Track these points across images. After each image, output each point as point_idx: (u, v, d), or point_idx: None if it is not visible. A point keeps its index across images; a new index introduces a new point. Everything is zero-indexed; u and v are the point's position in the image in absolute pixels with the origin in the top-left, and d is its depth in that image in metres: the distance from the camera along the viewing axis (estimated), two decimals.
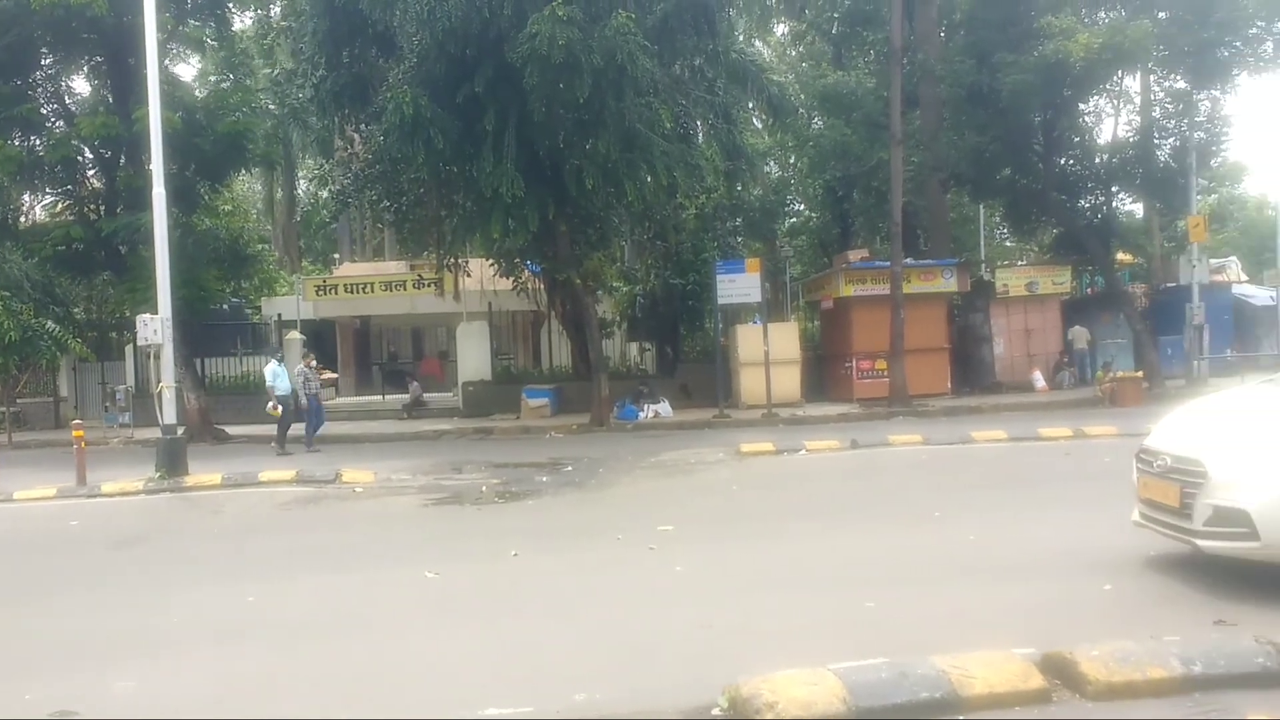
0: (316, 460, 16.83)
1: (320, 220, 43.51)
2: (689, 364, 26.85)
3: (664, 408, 22.83)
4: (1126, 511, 7.38)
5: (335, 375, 31.97)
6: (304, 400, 19.62)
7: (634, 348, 31.80)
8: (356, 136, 24.00)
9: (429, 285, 27.42)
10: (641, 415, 22.41)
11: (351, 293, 29.89)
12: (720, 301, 22.70)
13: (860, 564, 7.92)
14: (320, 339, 33.50)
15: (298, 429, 19.48)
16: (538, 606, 7.14)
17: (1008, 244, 40.53)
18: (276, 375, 19.08)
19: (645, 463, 15.17)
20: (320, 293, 30.26)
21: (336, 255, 40.44)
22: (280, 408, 18.83)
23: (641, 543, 9.03)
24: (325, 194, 32.24)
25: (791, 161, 37.13)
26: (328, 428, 20.93)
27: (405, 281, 29.48)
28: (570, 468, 14.97)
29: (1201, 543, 6.50)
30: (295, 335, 28.19)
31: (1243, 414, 6.98)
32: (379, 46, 20.60)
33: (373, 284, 29.89)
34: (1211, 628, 5.71)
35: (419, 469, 15.43)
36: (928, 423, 19.61)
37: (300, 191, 44.68)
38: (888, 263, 23.70)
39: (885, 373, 23.22)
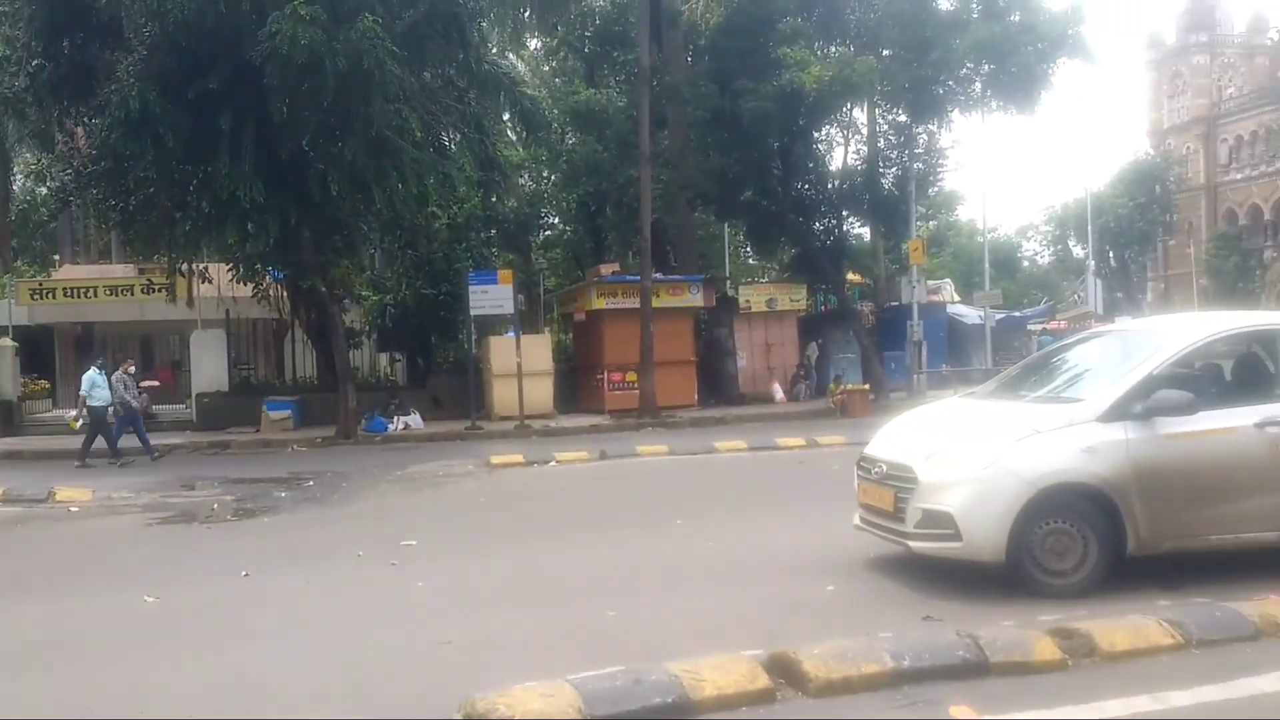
0: (27, 478, 15.43)
1: (38, 219, 40.18)
2: (441, 375, 26.48)
3: (414, 419, 22.42)
4: (850, 516, 7.85)
5: (156, 383, 29.65)
6: (134, 405, 18.25)
7: (384, 358, 31.05)
8: (80, 130, 22.27)
9: (159, 290, 25.74)
10: (391, 427, 21.92)
11: (72, 297, 27.64)
12: (473, 312, 22.54)
13: (604, 574, 8.05)
14: (36, 347, 30.83)
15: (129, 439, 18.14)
16: (268, 628, 6.83)
17: (751, 262, 42.34)
18: (94, 384, 17.49)
19: (392, 476, 14.84)
20: (36, 297, 27.83)
21: (57, 257, 37.33)
22: (85, 420, 17.44)
23: (383, 559, 8.81)
24: (44, 190, 29.70)
25: (545, 175, 37.40)
26: (45, 442, 19.28)
27: (133, 286, 27.52)
28: (312, 482, 14.44)
29: (913, 544, 7.00)
30: (7, 342, 25.82)
31: (948, 424, 7.58)
32: (104, 36, 19.22)
33: (96, 288, 27.75)
34: (921, 624, 6.14)
35: (144, 486, 14.44)
36: (675, 433, 20.20)
37: (16, 188, 41.06)
38: (638, 277, 24.27)
39: (635, 384, 23.73)
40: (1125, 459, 6.59)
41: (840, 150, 28.52)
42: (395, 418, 22.29)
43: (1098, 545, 6.62)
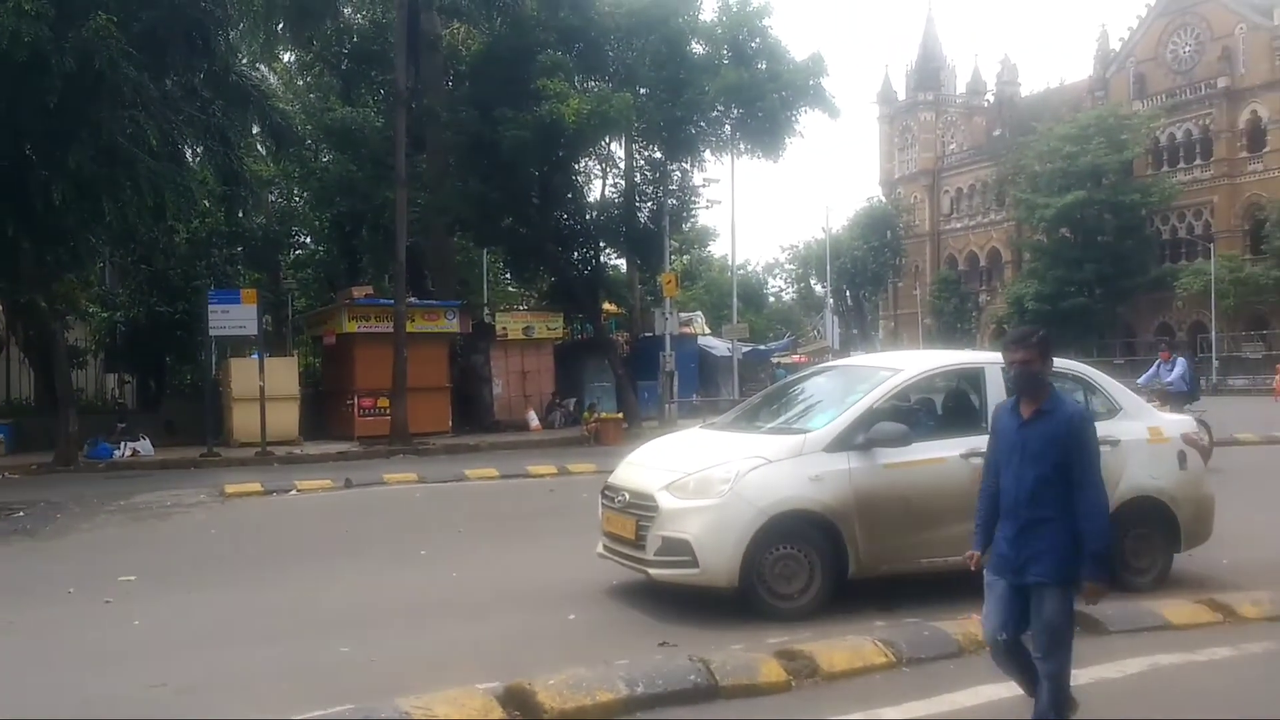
0: None
1: None
2: (177, 399, 24.96)
3: (144, 446, 20.97)
4: (595, 545, 7.93)
5: None
6: None
7: (112, 379, 28.92)
8: None
9: None
10: (117, 454, 20.42)
11: None
12: (212, 332, 21.32)
13: (340, 608, 7.76)
14: None
15: None
16: None
17: (511, 289, 42.35)
18: None
19: (113, 506, 13.79)
20: None
21: None
22: None
23: (98, 596, 8.17)
24: None
25: (297, 193, 36.07)
26: None
27: None
28: (22, 513, 13.21)
29: (653, 571, 7.15)
30: None
31: (688, 453, 7.80)
32: None
33: None
34: (656, 650, 6.26)
35: None
36: (426, 461, 19.82)
37: None
38: (392, 301, 23.75)
39: (387, 410, 23.15)
40: (848, 487, 6.99)
41: (599, 183, 29.09)
42: (122, 443, 20.78)
43: (822, 569, 6.99)
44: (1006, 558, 4.57)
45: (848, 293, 76.70)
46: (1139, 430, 7.84)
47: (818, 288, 74.22)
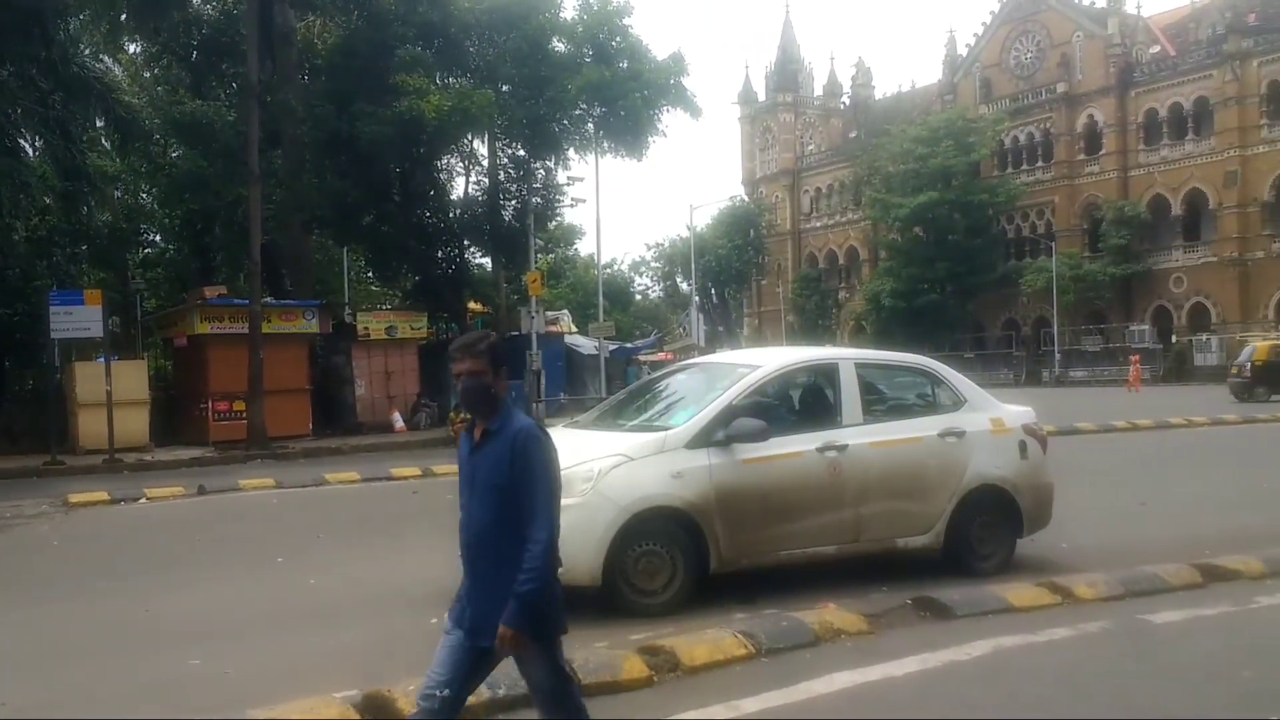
0: None
1: None
2: (17, 405, 23.69)
3: None
4: (458, 547, 7.83)
5: None
6: None
7: None
8: None
9: None
10: None
11: None
12: (55, 335, 20.27)
13: (191, 619, 7.50)
14: None
15: None
16: None
17: (374, 288, 41.56)
18: None
19: None
20: None
21: None
22: None
23: None
24: None
25: (146, 189, 34.60)
26: None
27: None
28: None
29: None
30: None
31: None
32: None
33: None
34: None
35: None
36: (285, 466, 19.29)
37: None
38: (247, 301, 23.02)
39: (244, 414, 22.43)
40: (708, 483, 7.10)
41: (462, 180, 28.75)
42: None
43: (685, 565, 7.08)
44: (462, 612, 3.91)
45: (713, 290, 77.79)
46: (983, 422, 8.18)
47: (684, 285, 75.09)
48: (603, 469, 7.02)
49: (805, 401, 8.25)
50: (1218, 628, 6.66)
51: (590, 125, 25.74)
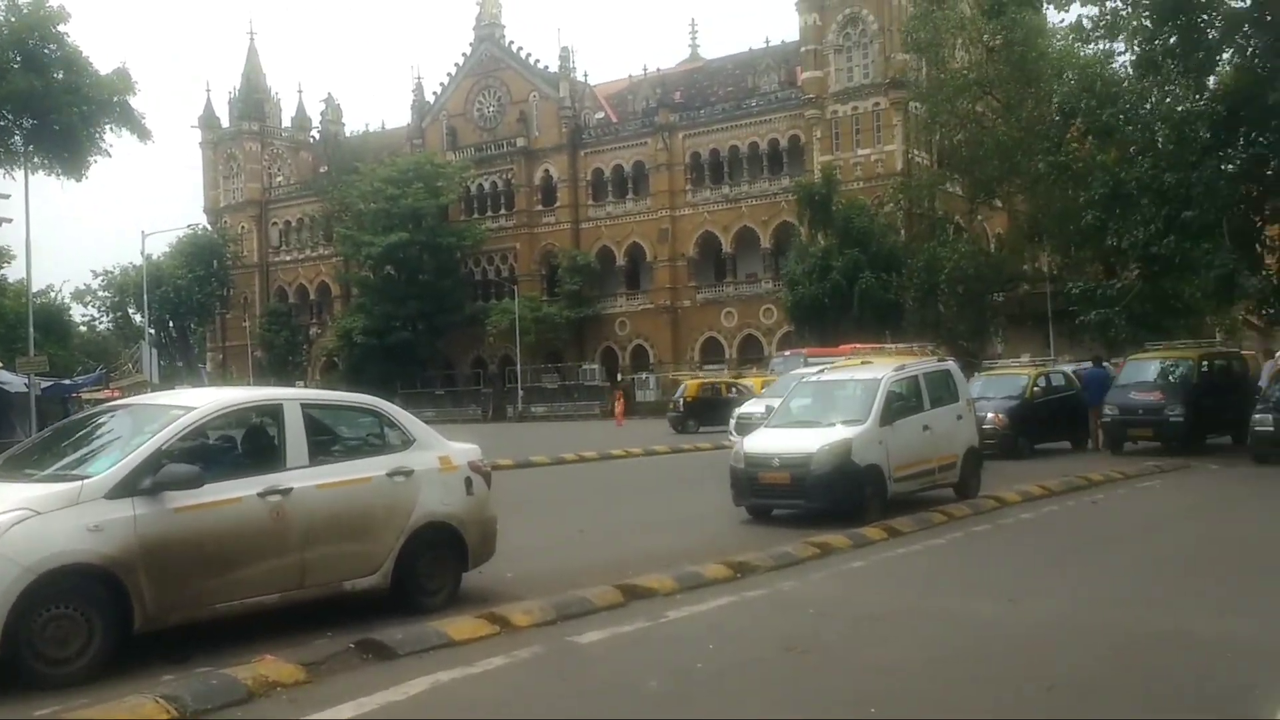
0: None
1: None
2: None
3: None
4: None
5: None
6: None
7: None
8: None
9: None
10: None
11: None
12: None
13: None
14: None
15: None
16: None
17: None
18: None
19: None
20: None
21: None
22: None
23: None
24: None
25: None
26: None
27: None
28: None
29: None
30: None
31: None
32: None
33: None
34: None
35: None
36: None
37: None
38: None
39: None
40: (133, 536, 6.51)
41: None
42: None
43: (104, 626, 6.41)
44: None
45: (171, 323, 72.40)
46: (431, 460, 8.35)
47: (136, 317, 68.94)
48: (2, 525, 6.17)
49: (247, 444, 7.90)
50: (634, 643, 7.35)
51: (18, 138, 22.80)
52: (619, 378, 59.31)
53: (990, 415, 19.47)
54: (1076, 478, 16.09)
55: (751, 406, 22.69)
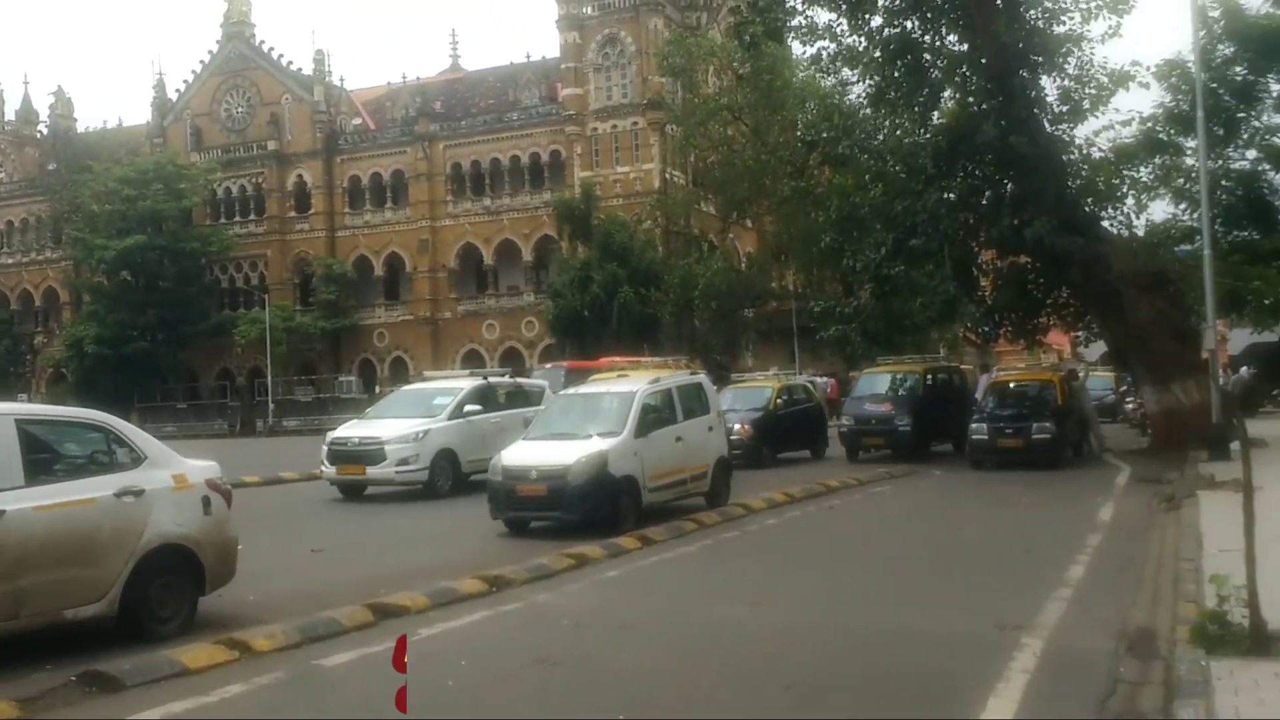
0: None
1: None
2: None
3: None
4: None
5: None
6: None
7: None
8: None
9: None
10: None
11: None
12: None
13: None
14: None
15: None
16: None
17: None
18: None
19: None
20: None
21: None
22: None
23: None
24: None
25: None
26: None
27: None
28: None
29: None
30: None
31: None
32: None
33: None
34: None
35: None
36: None
37: None
38: None
39: None
40: None
41: None
42: None
43: None
44: None
45: None
46: (164, 478, 7.91)
47: None
48: None
49: None
50: (383, 663, 7.15)
51: None
52: (377, 390, 57.81)
53: (737, 426, 20.32)
54: (816, 484, 17.04)
55: (346, 431, 19.15)
